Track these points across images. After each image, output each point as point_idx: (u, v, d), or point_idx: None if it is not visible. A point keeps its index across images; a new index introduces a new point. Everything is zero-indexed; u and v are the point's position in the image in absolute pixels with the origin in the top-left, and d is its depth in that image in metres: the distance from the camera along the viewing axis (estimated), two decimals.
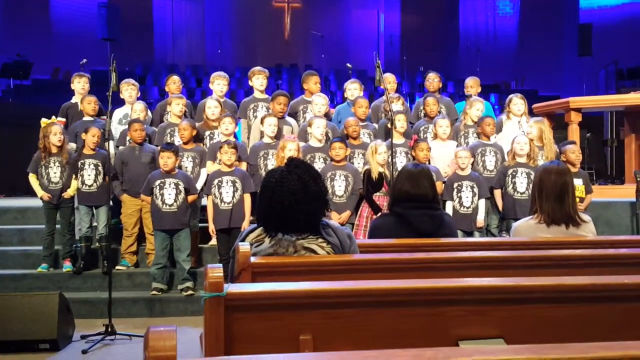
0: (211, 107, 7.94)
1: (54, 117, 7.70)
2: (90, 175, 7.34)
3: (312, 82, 8.48)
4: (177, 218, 7.02)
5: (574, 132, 9.00)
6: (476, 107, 8.12)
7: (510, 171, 7.32)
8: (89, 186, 7.35)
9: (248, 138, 8.12)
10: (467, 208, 7.29)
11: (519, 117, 8.15)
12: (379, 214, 6.76)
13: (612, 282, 2.36)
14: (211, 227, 7.20)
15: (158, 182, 7.01)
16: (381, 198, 7.10)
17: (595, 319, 2.29)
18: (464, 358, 1.52)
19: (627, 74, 16.44)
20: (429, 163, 7.34)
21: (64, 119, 8.10)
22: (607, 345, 1.61)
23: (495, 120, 8.05)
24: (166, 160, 6.95)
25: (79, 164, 7.34)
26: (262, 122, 7.66)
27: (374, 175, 7.09)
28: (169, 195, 6.98)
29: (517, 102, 8.14)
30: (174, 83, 8.52)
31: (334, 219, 6.84)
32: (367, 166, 7.21)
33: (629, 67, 16.48)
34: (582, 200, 7.02)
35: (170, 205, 6.99)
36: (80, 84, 8.31)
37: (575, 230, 3.74)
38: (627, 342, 1.64)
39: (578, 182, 7.01)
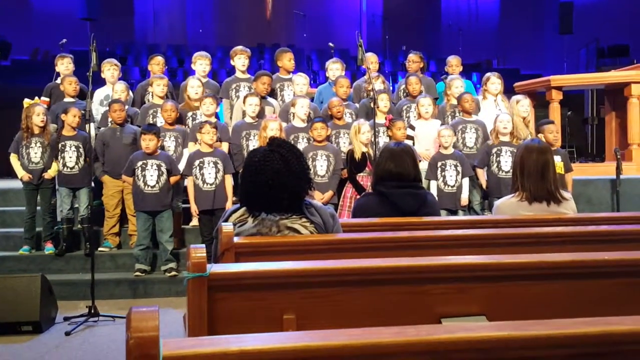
0: (194, 86, 7.86)
1: (37, 97, 7.62)
2: (71, 157, 7.30)
3: (286, 59, 8.34)
4: (159, 199, 6.99)
5: (554, 110, 9.05)
6: (455, 85, 8.15)
7: (494, 150, 7.33)
8: (71, 168, 7.32)
9: (230, 118, 8.07)
10: (452, 187, 7.30)
11: (494, 96, 8.17)
12: (363, 193, 6.76)
13: (593, 259, 2.38)
14: (193, 208, 7.17)
15: (140, 163, 6.96)
16: (365, 178, 7.08)
17: (576, 296, 2.32)
18: (446, 335, 1.53)
19: (608, 52, 16.48)
20: (414, 144, 7.35)
21: (47, 99, 8.05)
22: (588, 320, 1.62)
23: (474, 96, 8.06)
24: (148, 142, 6.91)
25: (60, 145, 7.29)
26: (244, 101, 7.61)
27: (357, 155, 7.07)
28: (151, 176, 6.94)
29: (495, 82, 8.16)
30: (157, 64, 8.45)
31: (317, 198, 6.84)
32: (350, 146, 7.20)
33: (609, 45, 16.52)
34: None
35: (152, 187, 6.95)
36: (64, 65, 8.27)
37: (557, 207, 3.77)
38: (607, 318, 1.65)
39: (557, 160, 7.04)
